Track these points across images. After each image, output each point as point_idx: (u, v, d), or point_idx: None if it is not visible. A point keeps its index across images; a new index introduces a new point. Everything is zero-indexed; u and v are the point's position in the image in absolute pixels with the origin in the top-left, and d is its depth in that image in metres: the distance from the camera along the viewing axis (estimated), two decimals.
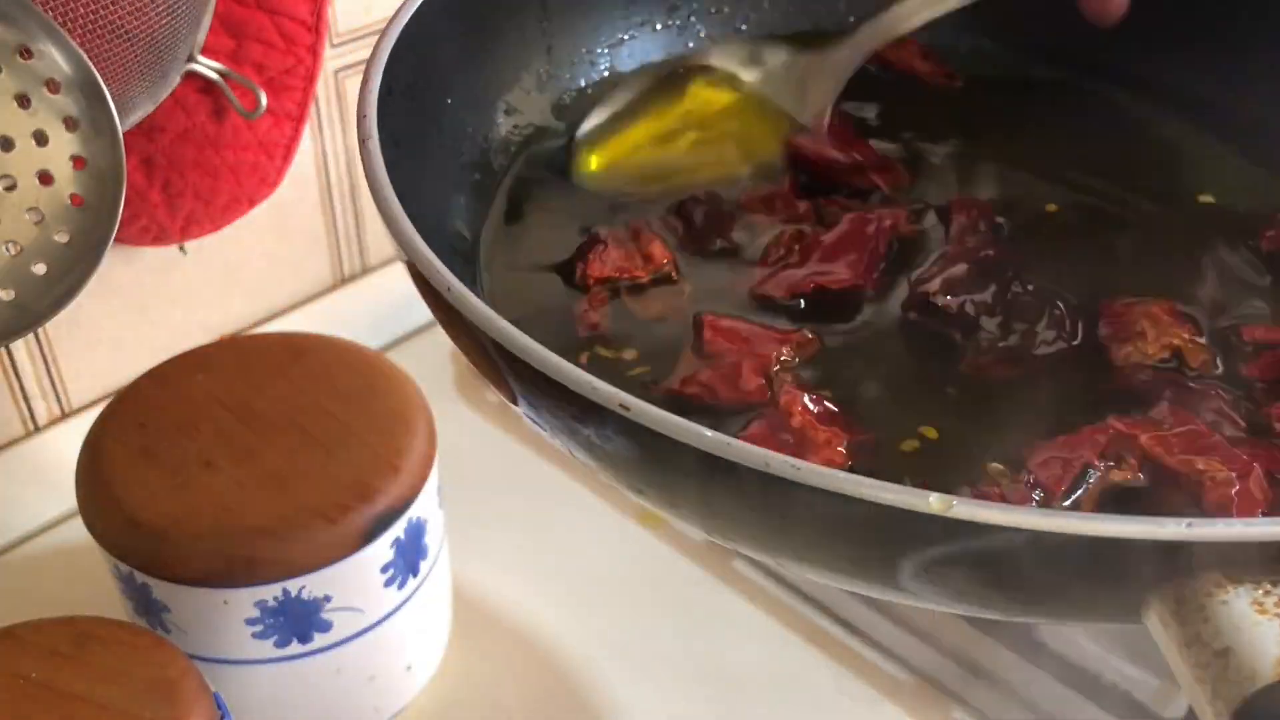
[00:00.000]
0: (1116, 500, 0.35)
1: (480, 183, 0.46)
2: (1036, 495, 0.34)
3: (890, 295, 0.42)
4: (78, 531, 0.48)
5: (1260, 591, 0.26)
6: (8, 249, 0.46)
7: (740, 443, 0.28)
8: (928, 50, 0.54)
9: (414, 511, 0.48)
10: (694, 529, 0.36)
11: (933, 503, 0.27)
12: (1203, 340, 0.39)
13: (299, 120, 0.60)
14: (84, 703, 0.39)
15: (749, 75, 0.51)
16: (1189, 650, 0.26)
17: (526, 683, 0.54)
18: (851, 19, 0.53)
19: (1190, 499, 0.34)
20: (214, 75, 0.54)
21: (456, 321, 0.33)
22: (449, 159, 0.45)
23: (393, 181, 0.36)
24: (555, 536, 0.61)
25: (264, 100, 0.56)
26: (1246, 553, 0.26)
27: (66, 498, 0.49)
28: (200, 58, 0.53)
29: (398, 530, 0.47)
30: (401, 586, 0.49)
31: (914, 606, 0.52)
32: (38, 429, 0.62)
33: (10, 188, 0.46)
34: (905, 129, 0.51)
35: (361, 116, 0.38)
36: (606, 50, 0.53)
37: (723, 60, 0.51)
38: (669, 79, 0.51)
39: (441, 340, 0.73)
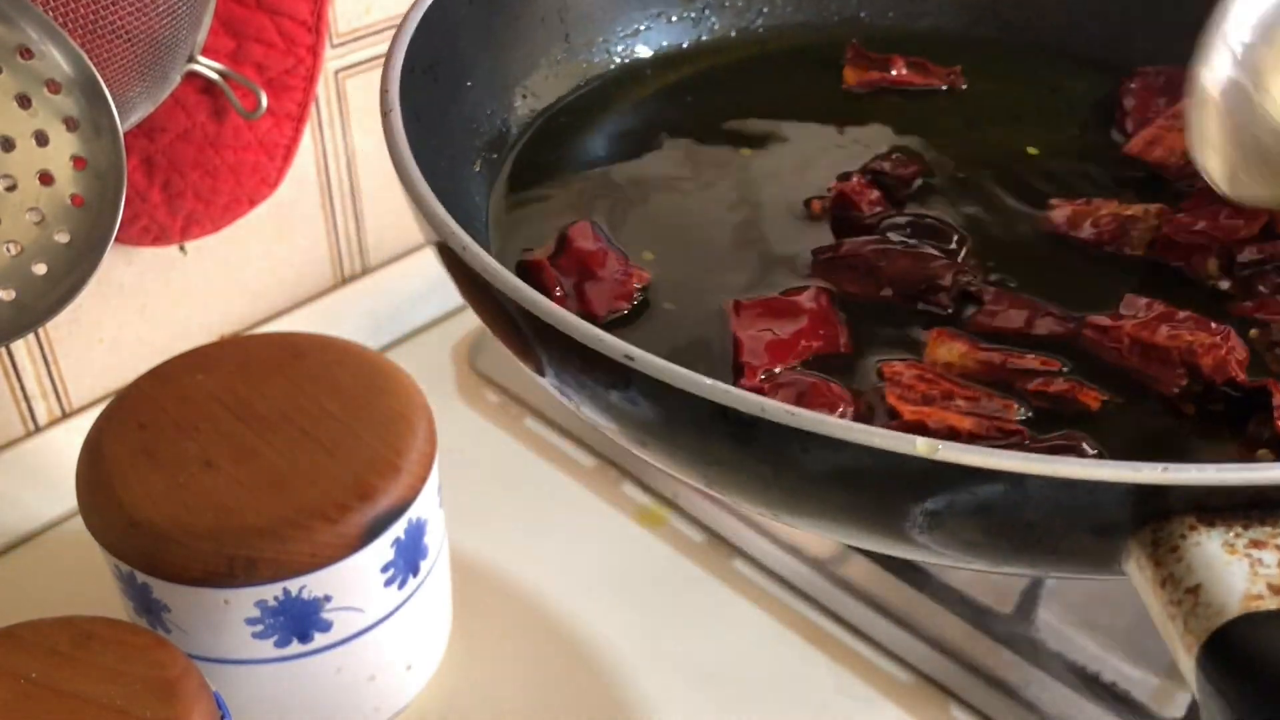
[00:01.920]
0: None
1: (496, 161, 0.47)
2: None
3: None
4: (78, 531, 0.48)
5: (1231, 534, 0.28)
6: (8, 249, 0.46)
7: (741, 391, 0.29)
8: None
9: (414, 511, 0.48)
10: (720, 490, 0.36)
11: (919, 446, 0.28)
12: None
13: (299, 120, 0.60)
14: (84, 702, 0.40)
15: None
16: (1163, 589, 0.28)
17: (526, 682, 0.54)
18: (863, 14, 0.53)
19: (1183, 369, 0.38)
20: (214, 75, 0.54)
21: (481, 289, 0.34)
22: (468, 138, 0.46)
23: (414, 153, 0.37)
24: (555, 536, 0.61)
25: (264, 100, 0.56)
26: (1219, 497, 0.28)
27: (67, 498, 0.49)
28: (200, 58, 0.53)
29: (398, 530, 0.47)
30: (402, 586, 0.49)
31: (924, 564, 0.53)
32: (38, 429, 0.62)
33: (11, 188, 0.46)
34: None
35: (385, 90, 0.39)
36: (622, 39, 0.53)
37: None
38: None
39: (442, 340, 0.74)
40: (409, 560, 0.49)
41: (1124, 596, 0.55)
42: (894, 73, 0.54)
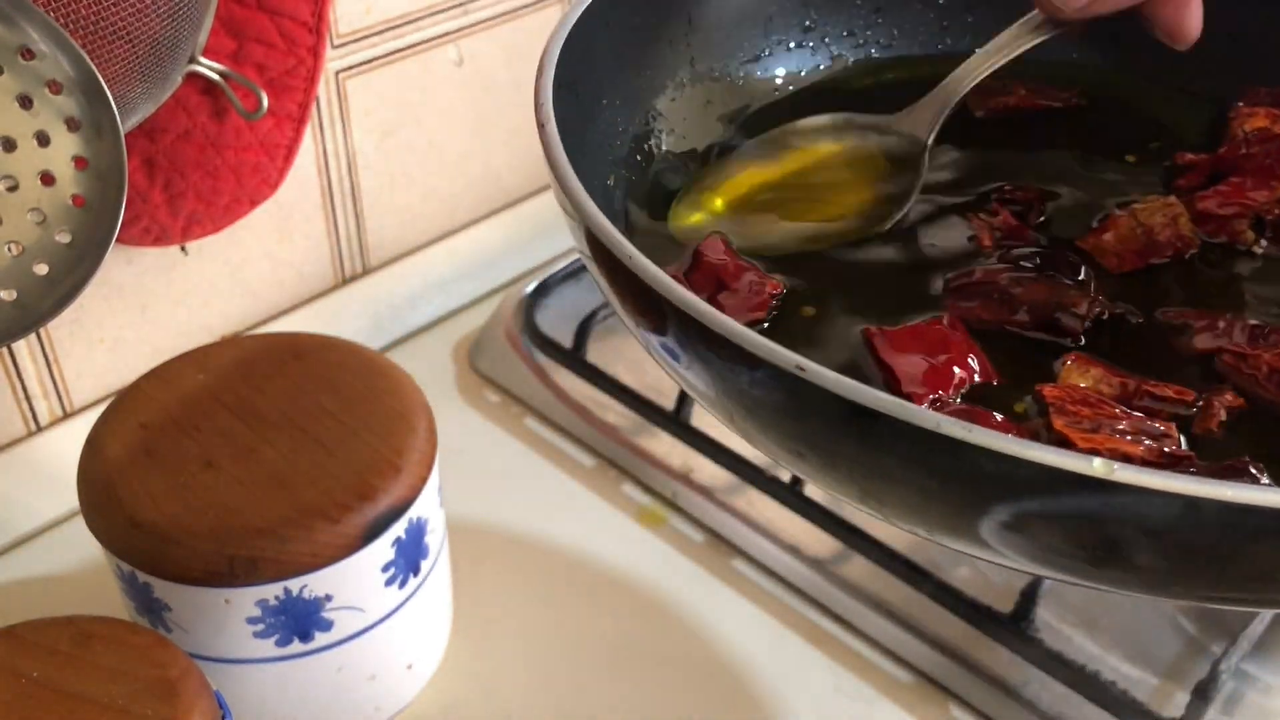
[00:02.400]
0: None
1: (627, 179, 0.49)
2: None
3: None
4: (79, 531, 0.49)
5: None
6: (10, 249, 0.46)
7: (904, 403, 0.30)
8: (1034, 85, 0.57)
9: (415, 511, 0.48)
10: (830, 486, 0.37)
11: (1096, 466, 0.29)
12: None
13: (300, 121, 0.61)
14: (85, 702, 0.40)
15: (846, 137, 0.53)
16: None
17: (527, 682, 0.54)
18: (974, 47, 0.55)
19: None
20: (215, 76, 0.54)
21: (643, 294, 0.36)
22: (603, 153, 0.48)
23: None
24: (555, 536, 0.61)
25: (265, 101, 0.56)
26: None
27: (68, 497, 0.50)
28: (201, 59, 0.53)
29: (399, 530, 0.47)
30: (402, 586, 0.49)
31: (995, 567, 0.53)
32: (39, 429, 0.62)
33: (12, 188, 0.46)
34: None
35: (539, 105, 0.42)
36: (744, 64, 0.56)
37: (813, 123, 0.53)
38: (766, 144, 0.52)
39: (442, 340, 0.74)
40: (409, 560, 0.49)
41: (1122, 597, 0.55)
42: (1013, 97, 0.56)
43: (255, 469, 0.47)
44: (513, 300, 0.72)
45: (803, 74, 0.57)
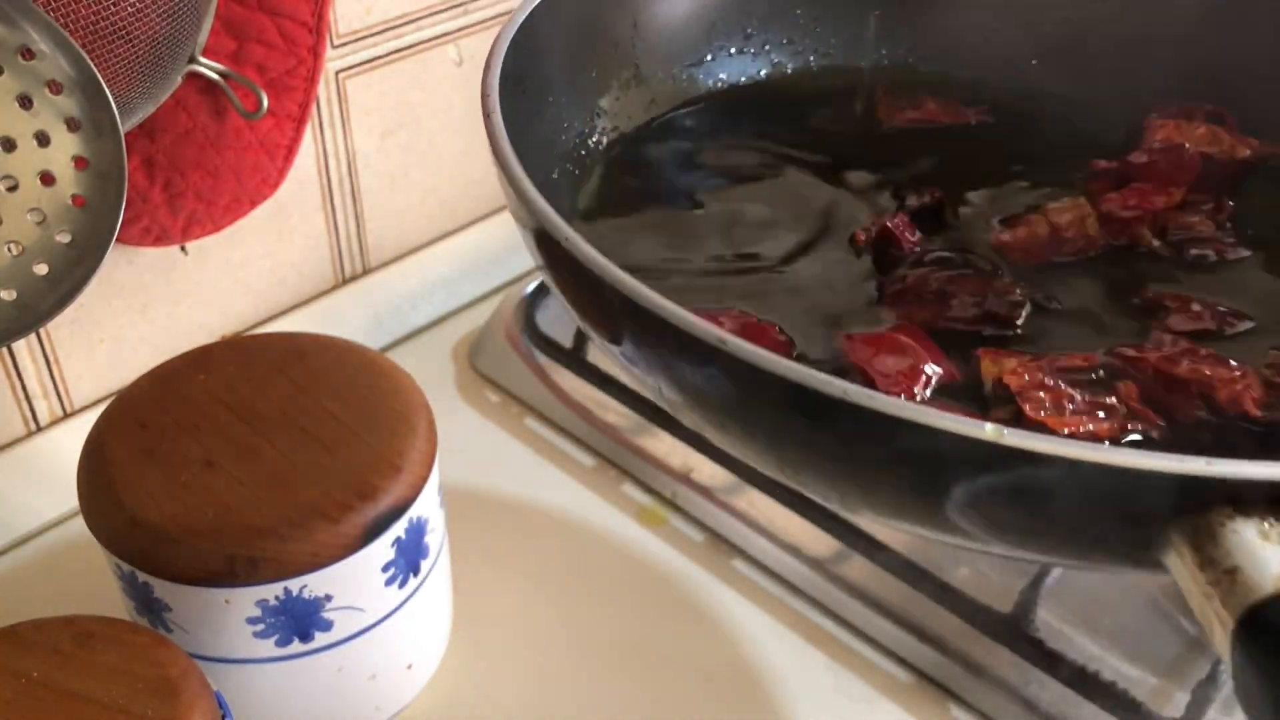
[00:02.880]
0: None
1: (570, 173, 0.51)
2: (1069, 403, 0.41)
3: None
4: (79, 531, 0.49)
5: (1265, 524, 0.31)
6: (10, 249, 0.46)
7: (823, 375, 0.32)
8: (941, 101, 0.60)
9: (415, 511, 0.48)
10: (769, 467, 0.40)
11: (988, 431, 0.31)
12: None
13: (300, 121, 0.61)
14: (85, 702, 0.40)
15: None
16: (1201, 572, 0.31)
17: (526, 682, 0.54)
18: (909, 58, 0.60)
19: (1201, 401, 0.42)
20: (215, 76, 0.54)
21: (573, 271, 0.38)
22: (549, 147, 0.51)
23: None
24: (556, 536, 0.61)
25: (265, 101, 0.56)
26: (1256, 491, 0.31)
27: (68, 497, 0.50)
28: (201, 59, 0.53)
29: (399, 530, 0.47)
30: (402, 586, 0.49)
31: (957, 548, 0.54)
32: (39, 428, 0.62)
33: (12, 188, 0.46)
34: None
35: (485, 95, 0.44)
36: (687, 68, 0.58)
37: None
38: None
39: (442, 340, 0.74)
40: (410, 560, 0.49)
41: (1122, 597, 0.55)
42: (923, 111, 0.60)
43: (255, 469, 0.47)
44: (513, 300, 0.72)
45: (742, 80, 0.60)
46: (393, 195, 0.73)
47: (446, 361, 0.73)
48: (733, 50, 0.59)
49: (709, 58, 0.58)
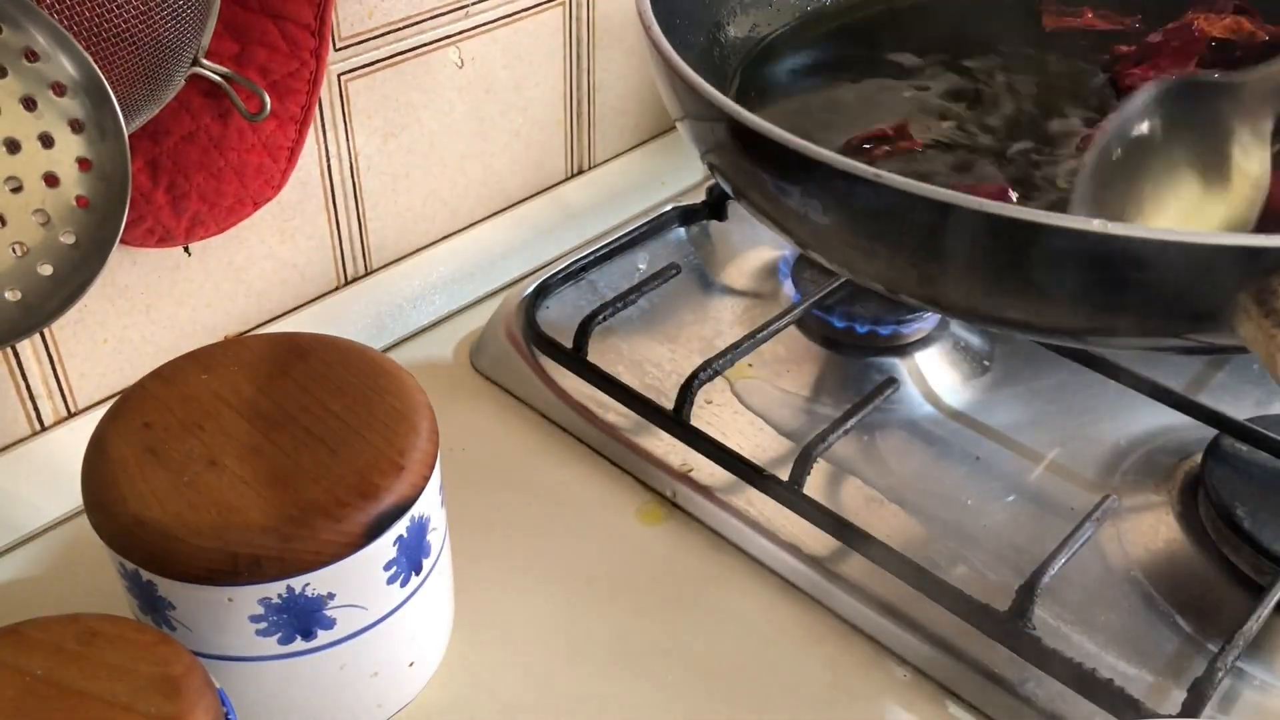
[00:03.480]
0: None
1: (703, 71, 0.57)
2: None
3: None
4: (83, 530, 0.49)
5: None
6: (15, 250, 0.47)
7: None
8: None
9: (417, 509, 0.48)
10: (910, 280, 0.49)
11: (1095, 225, 0.39)
12: None
13: (303, 123, 0.61)
14: (89, 699, 0.40)
15: None
16: (1266, 319, 0.39)
17: (527, 679, 0.54)
18: None
19: None
20: (218, 78, 0.54)
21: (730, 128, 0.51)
22: (683, 47, 0.57)
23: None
24: (556, 534, 0.61)
25: (268, 103, 0.56)
26: None
27: (72, 496, 0.50)
28: (204, 61, 0.53)
29: (401, 528, 0.48)
30: (404, 584, 0.49)
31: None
32: (44, 428, 0.62)
33: (17, 189, 0.46)
34: None
35: (641, 11, 0.57)
36: None
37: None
38: None
39: (443, 340, 0.75)
40: (411, 558, 0.49)
41: (1119, 595, 0.55)
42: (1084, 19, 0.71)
43: (258, 468, 0.47)
44: (514, 300, 0.72)
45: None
46: (394, 196, 0.73)
47: (448, 361, 0.73)
48: None
49: None
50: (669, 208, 0.79)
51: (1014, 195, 0.53)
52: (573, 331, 0.68)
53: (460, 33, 0.72)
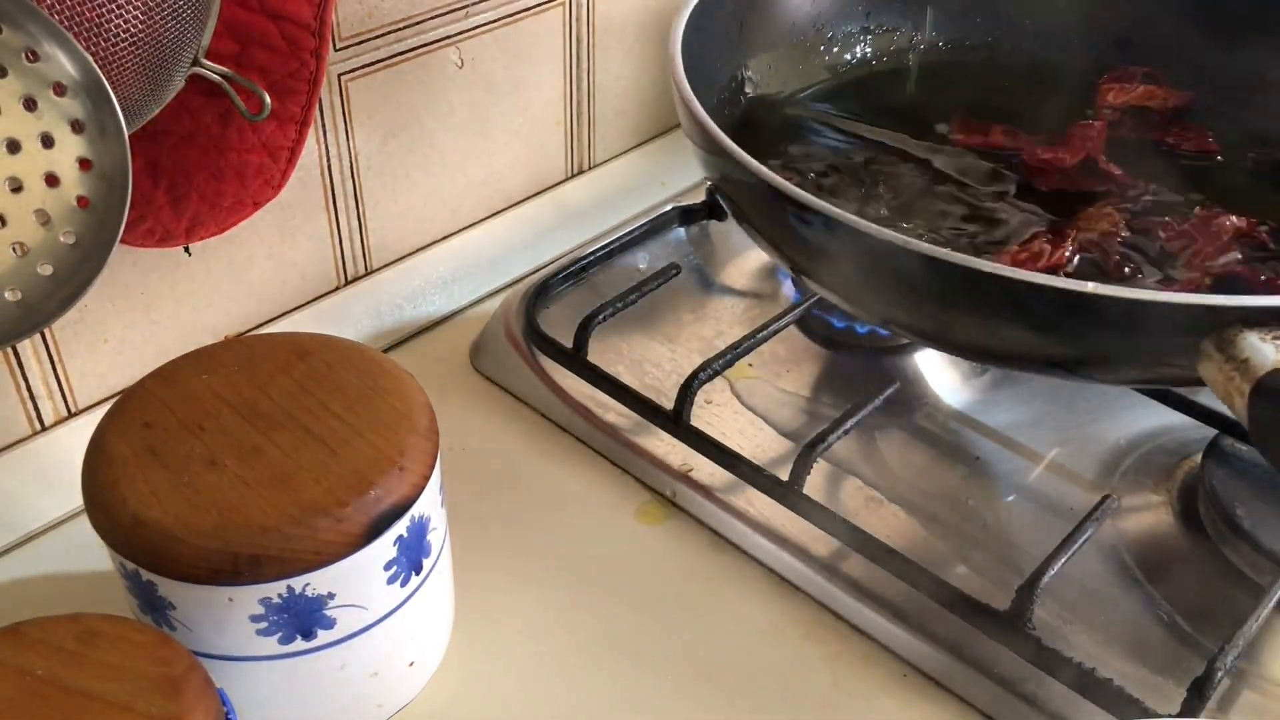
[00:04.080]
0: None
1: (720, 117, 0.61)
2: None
3: None
4: (83, 529, 0.49)
5: (1265, 332, 0.45)
6: (15, 250, 0.47)
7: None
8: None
9: (417, 509, 0.48)
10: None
11: (1089, 288, 0.46)
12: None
13: (303, 123, 0.61)
14: (89, 699, 0.40)
15: None
16: (1225, 363, 0.45)
17: (527, 679, 0.54)
18: None
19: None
20: (218, 79, 0.54)
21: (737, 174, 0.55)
22: (706, 96, 0.61)
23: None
24: (556, 534, 0.61)
25: (269, 103, 0.56)
26: (1259, 314, 0.46)
27: (72, 496, 0.50)
28: (205, 61, 0.53)
29: (401, 528, 0.48)
30: (404, 584, 0.49)
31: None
32: (44, 428, 0.62)
33: (17, 189, 0.46)
34: None
35: (670, 58, 0.62)
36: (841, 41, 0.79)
37: None
38: None
39: (443, 340, 0.75)
40: (412, 558, 0.49)
41: (1118, 594, 0.55)
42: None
43: (259, 468, 0.47)
44: (514, 301, 0.72)
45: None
46: (394, 196, 0.73)
47: (448, 361, 0.73)
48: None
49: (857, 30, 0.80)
50: (669, 208, 0.80)
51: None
52: (573, 331, 0.68)
53: (460, 33, 0.72)
